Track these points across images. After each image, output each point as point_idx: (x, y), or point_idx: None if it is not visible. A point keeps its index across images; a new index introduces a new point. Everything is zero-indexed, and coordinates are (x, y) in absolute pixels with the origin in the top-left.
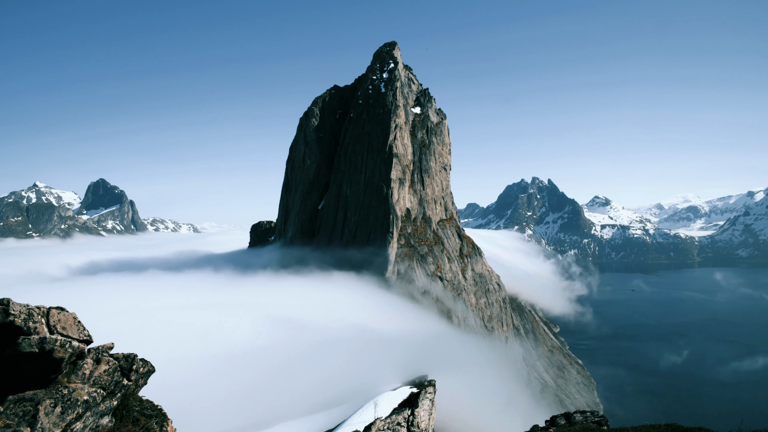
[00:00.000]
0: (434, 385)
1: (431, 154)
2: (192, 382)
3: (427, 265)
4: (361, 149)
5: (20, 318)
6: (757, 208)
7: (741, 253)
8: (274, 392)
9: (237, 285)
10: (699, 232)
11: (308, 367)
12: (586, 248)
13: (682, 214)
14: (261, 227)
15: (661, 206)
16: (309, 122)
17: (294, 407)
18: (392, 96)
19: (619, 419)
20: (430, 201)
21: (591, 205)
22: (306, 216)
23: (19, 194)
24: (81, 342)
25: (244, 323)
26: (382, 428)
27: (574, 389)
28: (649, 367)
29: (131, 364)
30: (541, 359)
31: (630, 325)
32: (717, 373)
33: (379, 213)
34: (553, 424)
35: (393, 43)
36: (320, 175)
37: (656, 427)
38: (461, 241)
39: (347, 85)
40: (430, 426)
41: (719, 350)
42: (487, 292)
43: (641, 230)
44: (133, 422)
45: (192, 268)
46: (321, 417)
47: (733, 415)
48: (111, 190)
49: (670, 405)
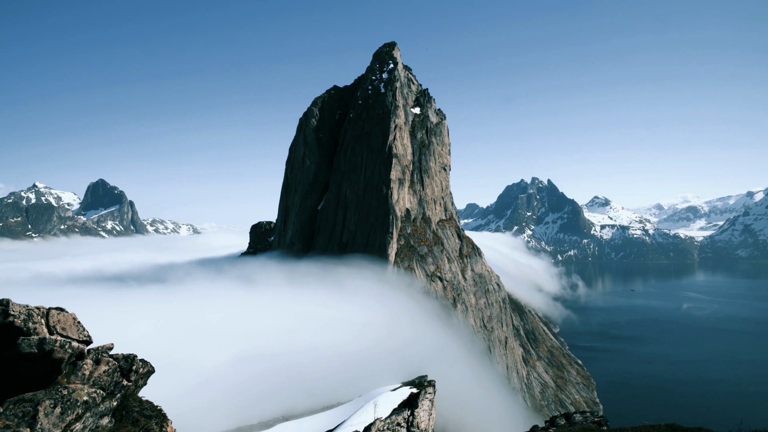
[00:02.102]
0: (434, 386)
1: (431, 154)
2: (192, 382)
3: (426, 266)
4: (360, 149)
5: (20, 318)
6: (757, 209)
7: (741, 253)
8: (273, 393)
9: (237, 285)
10: (699, 233)
11: (308, 367)
12: (586, 248)
13: (682, 215)
14: (261, 228)
15: (661, 206)
16: (308, 122)
17: (294, 407)
18: (392, 96)
19: (619, 419)
20: (430, 201)
21: (591, 206)
22: (306, 216)
23: (18, 195)
24: (81, 342)
25: (244, 324)
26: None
27: (573, 389)
28: (648, 367)
29: (131, 365)
30: (541, 360)
31: (629, 326)
32: (717, 373)
33: (379, 213)
34: (553, 424)
35: (392, 44)
36: (320, 175)
37: (656, 427)
38: (461, 242)
39: (347, 86)
40: (430, 426)
41: (719, 350)
42: (486, 293)
43: (641, 230)
44: (132, 423)
45: (191, 271)
46: (321, 417)
47: (733, 415)
48: (110, 190)
49: (670, 405)
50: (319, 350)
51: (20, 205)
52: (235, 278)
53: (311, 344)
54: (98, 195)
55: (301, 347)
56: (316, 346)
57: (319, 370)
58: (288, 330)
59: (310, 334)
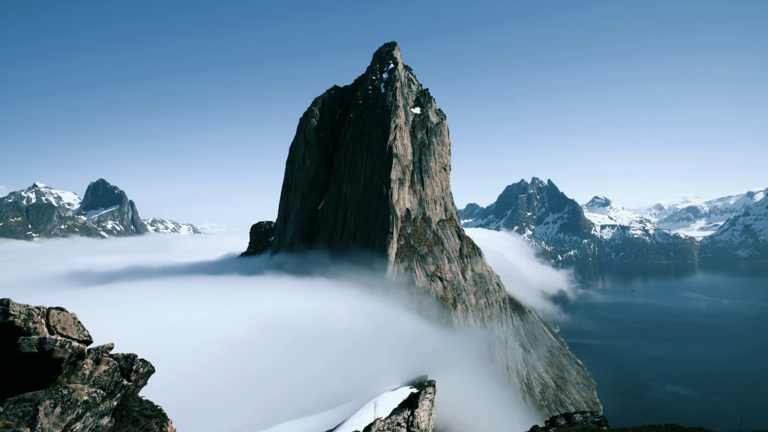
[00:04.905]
0: (434, 386)
1: (431, 154)
2: (192, 382)
3: (426, 266)
4: (360, 149)
5: (20, 318)
6: (757, 209)
7: (741, 253)
8: (274, 393)
9: (237, 286)
10: (699, 233)
11: (308, 367)
12: (586, 248)
13: (682, 215)
14: (261, 227)
15: (661, 206)
16: (309, 122)
17: (294, 407)
18: (392, 96)
19: (619, 419)
20: (430, 201)
21: (591, 206)
22: (306, 216)
23: (18, 194)
24: (81, 342)
25: (243, 325)
26: (381, 428)
27: (574, 389)
28: (648, 368)
29: (131, 365)
30: (541, 360)
31: (630, 326)
32: (717, 373)
33: (379, 213)
34: (553, 425)
35: (393, 44)
36: (320, 175)
37: (656, 428)
38: (461, 242)
39: (347, 86)
40: (430, 426)
41: (719, 350)
42: (487, 293)
43: (641, 230)
44: (132, 423)
45: (189, 272)
46: (321, 417)
47: (733, 415)
48: (111, 190)
49: (670, 405)
50: (319, 350)
51: (20, 205)
52: (235, 278)
53: (311, 344)
54: (98, 195)
55: (301, 347)
56: (316, 346)
57: (319, 370)
58: (288, 330)
59: (309, 334)
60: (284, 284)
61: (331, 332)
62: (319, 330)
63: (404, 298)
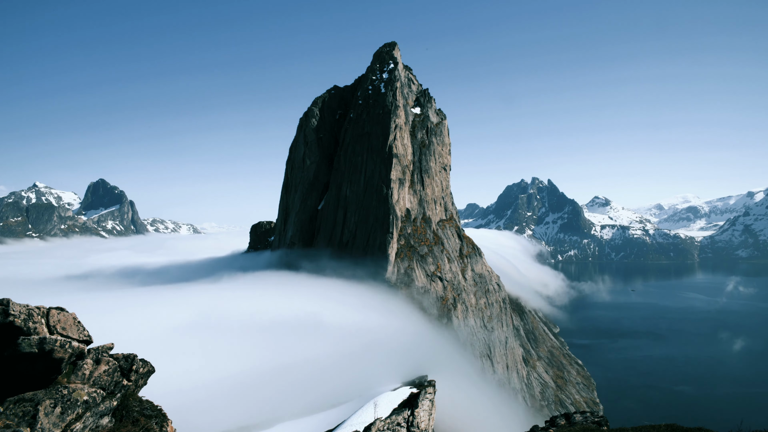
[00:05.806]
0: (434, 386)
1: (431, 154)
2: (192, 382)
3: (427, 266)
4: (360, 149)
5: (20, 318)
6: (757, 209)
7: (741, 253)
8: (274, 393)
9: (236, 286)
10: (699, 233)
11: (308, 367)
12: (586, 248)
13: (682, 215)
14: (261, 228)
15: (661, 206)
16: (309, 122)
17: (294, 407)
18: (392, 96)
19: (619, 419)
20: (430, 201)
21: (591, 206)
22: (306, 216)
23: (18, 194)
24: (81, 342)
25: (243, 325)
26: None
27: (574, 389)
28: (648, 368)
29: (131, 365)
30: (541, 360)
31: (629, 326)
32: (717, 373)
33: (379, 213)
34: (553, 425)
35: (393, 44)
36: (320, 175)
37: (656, 428)
38: (461, 242)
39: (347, 86)
40: (430, 426)
41: (719, 351)
42: (487, 293)
43: (641, 230)
44: (132, 423)
45: (189, 272)
46: (321, 417)
47: (733, 415)
48: (111, 190)
49: (670, 405)
50: (319, 350)
51: (20, 205)
52: (235, 278)
53: (311, 344)
54: (98, 195)
55: (301, 347)
56: (316, 346)
57: (320, 370)
58: (287, 330)
59: (309, 335)
60: (284, 284)
61: (331, 332)
62: (319, 330)
63: (404, 298)
